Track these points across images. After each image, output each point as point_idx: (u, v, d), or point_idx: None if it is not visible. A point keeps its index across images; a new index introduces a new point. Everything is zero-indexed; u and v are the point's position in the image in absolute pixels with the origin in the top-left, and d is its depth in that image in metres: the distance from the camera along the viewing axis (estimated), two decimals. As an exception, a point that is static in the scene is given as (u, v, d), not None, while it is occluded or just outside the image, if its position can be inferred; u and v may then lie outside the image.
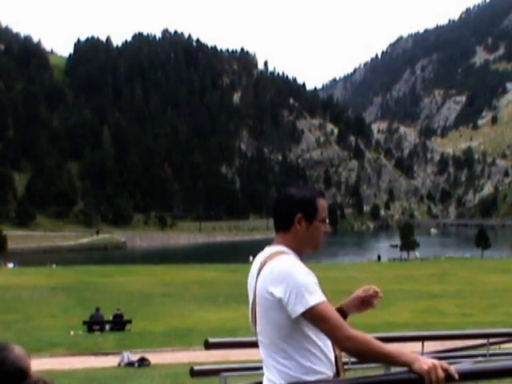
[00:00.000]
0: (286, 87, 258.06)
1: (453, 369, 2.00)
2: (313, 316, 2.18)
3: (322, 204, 2.44)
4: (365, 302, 2.55)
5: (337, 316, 2.19)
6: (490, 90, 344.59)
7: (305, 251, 2.44)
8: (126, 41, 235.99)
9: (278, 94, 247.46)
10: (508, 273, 49.45)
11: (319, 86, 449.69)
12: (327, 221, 2.47)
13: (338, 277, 42.74)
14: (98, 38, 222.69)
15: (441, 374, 1.97)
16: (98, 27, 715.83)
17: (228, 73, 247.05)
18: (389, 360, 2.12)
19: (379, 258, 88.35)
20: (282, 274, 2.23)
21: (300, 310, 2.18)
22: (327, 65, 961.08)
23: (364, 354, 2.14)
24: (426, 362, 2.01)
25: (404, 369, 2.05)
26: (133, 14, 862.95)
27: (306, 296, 2.17)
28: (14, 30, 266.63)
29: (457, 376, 1.98)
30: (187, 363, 11.70)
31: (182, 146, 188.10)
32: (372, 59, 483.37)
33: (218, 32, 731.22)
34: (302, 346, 2.26)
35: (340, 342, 2.17)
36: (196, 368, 4.50)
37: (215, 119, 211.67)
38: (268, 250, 2.40)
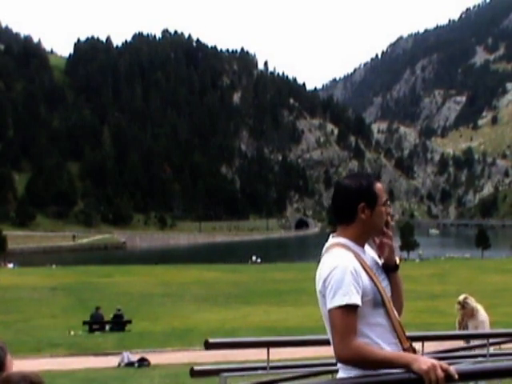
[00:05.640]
0: (286, 87, 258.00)
1: (452, 369, 1.99)
2: (330, 316, 2.27)
3: (380, 188, 2.45)
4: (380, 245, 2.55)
5: (346, 326, 2.21)
6: (490, 90, 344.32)
7: (370, 237, 2.50)
8: (126, 41, 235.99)
9: (278, 93, 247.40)
10: (508, 273, 49.30)
11: (319, 86, 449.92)
12: (388, 202, 2.49)
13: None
14: (97, 38, 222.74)
15: (440, 374, 1.97)
16: (98, 27, 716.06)
17: (228, 73, 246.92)
18: (388, 365, 2.13)
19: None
20: (328, 270, 2.29)
21: (328, 306, 2.27)
22: (327, 65, 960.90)
23: (362, 363, 2.17)
24: (425, 362, 2.01)
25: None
26: (133, 13, 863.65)
27: (336, 296, 2.24)
28: (14, 29, 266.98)
29: (456, 376, 1.98)
30: (187, 363, 11.68)
31: (182, 146, 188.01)
32: (372, 59, 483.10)
33: (218, 32, 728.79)
34: None
35: (336, 349, 2.22)
36: (196, 368, 4.50)
37: (215, 119, 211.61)
38: (328, 242, 2.45)
